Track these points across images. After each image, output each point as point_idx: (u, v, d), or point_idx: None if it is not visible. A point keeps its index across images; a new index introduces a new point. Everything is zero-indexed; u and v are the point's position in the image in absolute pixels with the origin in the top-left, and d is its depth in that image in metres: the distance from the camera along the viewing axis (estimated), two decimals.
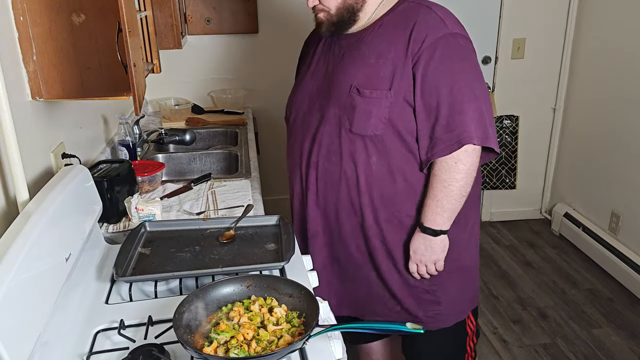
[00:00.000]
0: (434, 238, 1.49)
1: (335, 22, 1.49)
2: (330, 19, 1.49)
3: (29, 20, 1.34)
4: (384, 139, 1.45)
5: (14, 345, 0.87)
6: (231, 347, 0.96)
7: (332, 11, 1.47)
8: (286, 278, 1.21)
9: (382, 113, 1.43)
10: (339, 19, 1.48)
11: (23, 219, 1.06)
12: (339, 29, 1.50)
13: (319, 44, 1.62)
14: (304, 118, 1.59)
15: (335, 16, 1.48)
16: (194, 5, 2.97)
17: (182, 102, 2.97)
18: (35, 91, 1.40)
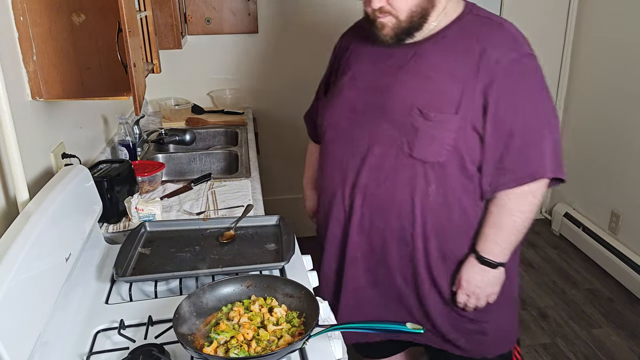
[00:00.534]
0: (492, 270, 1.39)
1: (404, 28, 1.32)
2: (397, 25, 1.31)
3: (29, 20, 1.34)
4: (445, 166, 1.33)
5: (14, 345, 0.87)
6: (231, 347, 0.96)
7: (402, 16, 1.30)
8: (286, 278, 1.21)
9: (447, 139, 1.30)
10: (408, 25, 1.31)
11: (23, 219, 1.06)
12: (404, 36, 1.34)
13: (361, 49, 1.46)
14: (347, 134, 1.42)
15: (404, 22, 1.31)
16: (194, 5, 2.97)
17: (182, 102, 2.97)
18: (35, 91, 1.40)
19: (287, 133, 3.32)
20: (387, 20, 1.32)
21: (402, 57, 1.36)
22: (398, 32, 1.33)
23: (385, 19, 1.32)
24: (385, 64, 1.39)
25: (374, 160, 1.38)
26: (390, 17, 1.31)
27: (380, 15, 1.32)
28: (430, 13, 1.32)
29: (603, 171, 3.13)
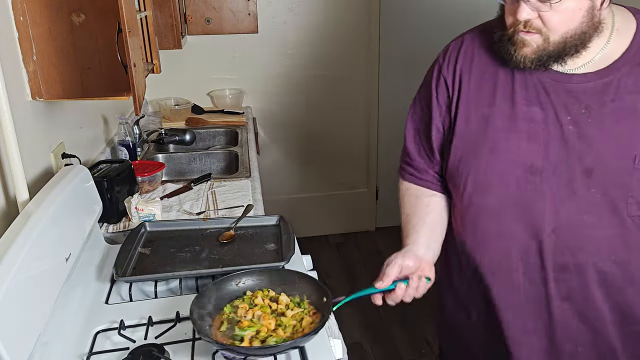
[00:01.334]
0: None
1: (552, 53, 1.01)
2: (544, 48, 1.01)
3: (29, 20, 1.34)
4: None
5: (14, 345, 0.87)
6: (263, 338, 0.98)
7: (553, 37, 1.00)
8: (275, 269, 1.21)
9: None
10: (558, 50, 1.01)
11: (23, 219, 1.06)
12: (551, 61, 1.03)
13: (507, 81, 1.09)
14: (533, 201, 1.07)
15: (553, 45, 1.00)
16: (194, 5, 2.97)
17: (182, 102, 2.97)
18: (35, 91, 1.40)
19: (287, 133, 3.33)
20: (532, 39, 1.01)
21: (586, 94, 1.04)
22: (542, 56, 1.02)
23: (530, 36, 1.01)
24: (558, 103, 1.05)
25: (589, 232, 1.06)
26: (538, 35, 1.00)
27: (523, 30, 1.01)
28: (591, 39, 1.02)
29: None
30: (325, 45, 3.19)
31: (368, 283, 1.13)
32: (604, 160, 1.03)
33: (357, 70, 3.26)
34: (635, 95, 1.02)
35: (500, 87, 1.10)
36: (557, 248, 1.07)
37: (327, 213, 3.50)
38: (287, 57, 3.17)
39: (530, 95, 1.07)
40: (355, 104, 3.33)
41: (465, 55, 1.15)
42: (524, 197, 1.07)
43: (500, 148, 1.08)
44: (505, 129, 1.08)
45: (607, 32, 1.04)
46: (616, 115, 1.02)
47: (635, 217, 1.04)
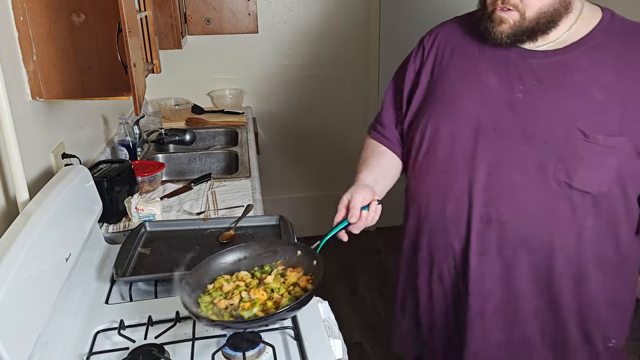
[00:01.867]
0: None
1: (526, 28, 1.12)
2: (520, 23, 1.11)
3: (29, 20, 1.34)
4: (608, 198, 1.14)
5: (14, 345, 0.87)
6: (270, 307, 0.99)
7: (529, 13, 1.10)
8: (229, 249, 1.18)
9: (613, 165, 1.12)
10: (532, 26, 1.12)
11: (23, 219, 1.06)
12: (525, 38, 1.14)
13: (472, 51, 1.23)
14: (472, 157, 1.18)
15: (528, 21, 1.11)
16: (194, 5, 2.97)
17: (182, 102, 2.97)
18: (35, 91, 1.40)
19: (287, 133, 3.33)
20: (509, 16, 1.11)
21: (543, 68, 1.15)
22: (518, 32, 1.12)
23: (507, 14, 1.11)
24: (515, 74, 1.16)
25: (517, 191, 1.16)
26: (515, 12, 1.11)
27: (502, 7, 1.12)
28: (562, 17, 1.13)
29: None
30: (325, 45, 3.19)
31: (368, 283, 1.14)
32: (544, 128, 1.12)
33: (357, 70, 3.26)
34: (585, 73, 1.12)
35: (468, 57, 1.23)
36: (486, 203, 1.17)
37: (327, 213, 3.49)
38: (287, 57, 3.17)
39: (493, 66, 1.19)
40: (355, 104, 3.33)
41: (445, 32, 1.31)
42: (467, 154, 1.18)
43: (454, 108, 1.21)
44: (461, 92, 1.21)
45: (573, 17, 1.15)
46: (564, 90, 1.12)
47: (562, 183, 1.12)
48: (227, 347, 1.02)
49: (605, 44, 1.14)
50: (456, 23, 1.31)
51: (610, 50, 1.13)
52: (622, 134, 1.10)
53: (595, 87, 1.11)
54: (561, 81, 1.13)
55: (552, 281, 1.20)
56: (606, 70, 1.12)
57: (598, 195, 1.14)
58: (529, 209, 1.16)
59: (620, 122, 1.10)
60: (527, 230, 1.17)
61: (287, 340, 1.08)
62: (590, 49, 1.13)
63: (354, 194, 1.22)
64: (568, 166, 1.11)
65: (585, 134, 1.10)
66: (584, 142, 1.10)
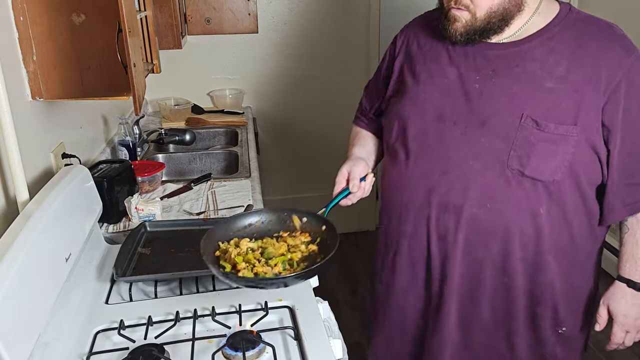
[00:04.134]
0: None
1: (478, 28, 1.16)
2: (471, 24, 1.15)
3: (29, 20, 1.34)
4: (560, 186, 1.17)
5: (14, 345, 0.87)
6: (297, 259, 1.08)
7: (479, 14, 1.14)
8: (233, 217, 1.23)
9: (565, 155, 1.14)
10: (483, 25, 1.15)
11: (23, 219, 1.06)
12: (477, 37, 1.18)
13: (435, 46, 1.28)
14: (434, 147, 1.23)
15: (480, 21, 1.15)
16: (194, 5, 2.97)
17: (182, 102, 2.97)
18: (35, 91, 1.40)
19: (287, 133, 3.33)
20: (461, 14, 1.16)
21: (499, 59, 1.19)
22: (469, 30, 1.16)
23: (459, 13, 1.16)
24: (472, 65, 1.21)
25: (473, 178, 1.19)
26: (467, 12, 1.15)
27: (454, 7, 1.16)
28: (514, 16, 1.16)
29: None
30: (325, 45, 3.19)
31: (368, 283, 1.15)
32: (496, 115, 1.16)
33: (357, 70, 3.26)
34: (538, 63, 1.16)
35: (432, 51, 1.28)
36: (443, 188, 1.22)
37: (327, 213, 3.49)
38: (287, 57, 3.17)
39: (453, 59, 1.24)
40: (355, 104, 3.31)
41: (414, 29, 1.38)
42: (427, 142, 1.24)
43: (419, 98, 1.27)
44: (425, 83, 1.26)
45: (528, 12, 1.18)
46: (516, 79, 1.16)
47: (515, 170, 1.16)
48: (227, 347, 1.02)
49: (560, 36, 1.16)
50: (423, 20, 1.38)
51: (565, 42, 1.16)
52: (574, 124, 1.12)
53: (548, 76, 1.14)
54: (514, 71, 1.17)
55: (508, 264, 1.23)
56: (560, 60, 1.14)
57: (550, 184, 1.16)
58: (485, 194, 1.19)
59: (573, 111, 1.13)
60: (483, 215, 1.20)
61: (287, 340, 1.08)
62: (545, 41, 1.17)
63: (352, 166, 1.29)
64: (521, 154, 1.14)
65: (537, 123, 1.13)
66: (536, 130, 1.13)
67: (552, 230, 1.20)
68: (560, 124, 1.12)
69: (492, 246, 1.23)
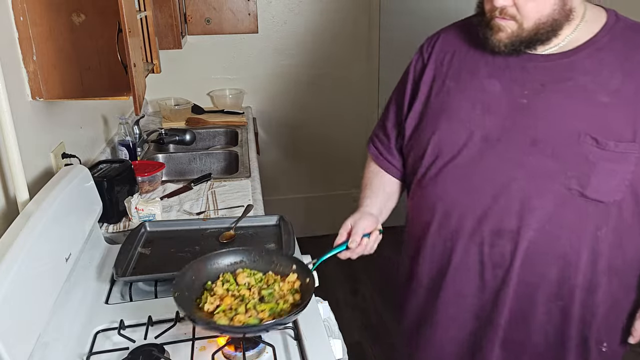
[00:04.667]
0: None
1: (524, 39, 1.08)
2: (518, 33, 1.08)
3: (29, 20, 1.34)
4: (620, 206, 1.10)
5: (14, 345, 0.87)
6: None
7: (527, 25, 1.06)
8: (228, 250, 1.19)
9: (625, 174, 1.07)
10: (530, 36, 1.08)
11: (23, 219, 1.06)
12: (522, 47, 1.10)
13: (472, 57, 1.19)
14: (479, 168, 1.13)
15: (527, 32, 1.07)
16: (194, 5, 2.97)
17: (182, 102, 2.97)
18: (35, 91, 1.40)
19: (287, 133, 3.33)
20: (506, 24, 1.08)
21: (546, 71, 1.11)
22: (515, 41, 1.09)
23: (506, 22, 1.08)
24: (517, 79, 1.12)
25: (528, 201, 1.10)
26: (513, 22, 1.07)
27: (499, 17, 1.08)
28: (562, 26, 1.08)
29: None
30: (325, 45, 3.19)
31: (368, 283, 1.14)
32: (549, 132, 1.08)
33: (357, 70, 3.26)
34: (589, 76, 1.08)
35: (468, 64, 1.19)
36: (496, 213, 1.12)
37: (327, 213, 3.49)
38: (287, 57, 3.17)
39: (493, 71, 1.15)
40: (355, 104, 3.34)
41: (443, 40, 1.26)
42: (472, 164, 1.14)
43: (456, 116, 1.16)
44: (463, 99, 1.16)
45: (576, 22, 1.10)
46: (568, 93, 1.08)
47: (574, 191, 1.08)
48: (227, 347, 1.02)
49: (609, 46, 1.09)
50: (455, 29, 1.27)
51: (615, 52, 1.09)
52: (633, 140, 1.05)
53: (601, 90, 1.07)
54: (565, 85, 1.09)
55: (564, 287, 1.15)
56: (613, 72, 1.08)
57: (610, 204, 1.09)
58: (542, 217, 1.10)
59: (631, 127, 1.05)
60: (540, 240, 1.12)
61: (287, 340, 1.08)
62: (595, 51, 1.09)
63: (357, 220, 1.22)
64: (579, 174, 1.06)
65: (596, 140, 1.05)
66: (596, 148, 1.05)
67: (609, 253, 1.13)
68: (620, 141, 1.05)
69: (549, 270, 1.14)
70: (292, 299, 1.05)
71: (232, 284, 1.07)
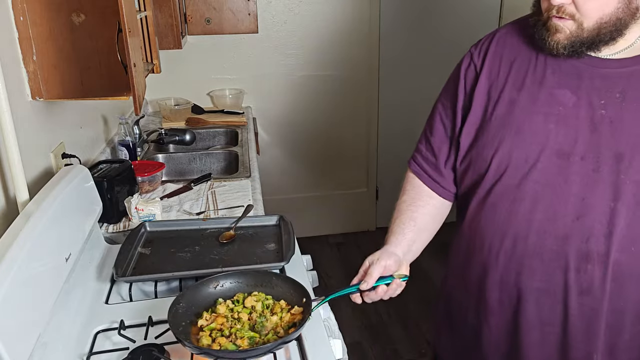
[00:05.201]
0: None
1: (585, 39, 0.99)
2: (578, 33, 0.99)
3: (29, 20, 1.34)
4: None
5: (14, 345, 0.87)
6: None
7: (587, 23, 0.98)
8: (256, 271, 1.18)
9: None
10: (592, 37, 0.99)
11: (23, 219, 1.06)
12: (584, 49, 1.01)
13: (540, 64, 1.08)
14: (558, 186, 1.03)
15: (587, 32, 0.99)
16: (194, 5, 2.97)
17: (182, 102, 2.97)
18: (35, 91, 1.40)
19: (287, 133, 3.33)
20: (564, 25, 1.00)
21: (622, 78, 1.02)
22: (575, 42, 1.00)
23: (564, 22, 1.00)
24: (590, 86, 1.03)
25: (616, 220, 1.01)
26: (572, 21, 0.99)
27: (556, 16, 1.00)
28: (628, 26, 0.99)
29: None
30: (325, 45, 3.19)
31: None
32: (636, 146, 0.99)
33: (357, 70, 3.26)
34: None
35: (530, 72, 1.08)
36: (581, 235, 1.02)
37: (327, 213, 3.50)
38: (287, 57, 3.17)
39: (562, 80, 1.05)
40: (355, 104, 3.33)
41: (497, 43, 1.14)
42: (548, 181, 1.04)
43: (525, 130, 1.06)
44: (532, 112, 1.06)
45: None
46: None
47: None
48: None
49: None
50: (509, 31, 1.15)
51: None
52: None
53: None
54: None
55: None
56: None
57: None
58: (630, 237, 1.01)
59: None
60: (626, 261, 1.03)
61: None
62: None
63: (375, 260, 1.09)
64: None
65: None
66: None
67: None
68: None
69: (634, 293, 1.06)
70: (285, 333, 1.00)
71: (239, 305, 1.06)
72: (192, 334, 1.00)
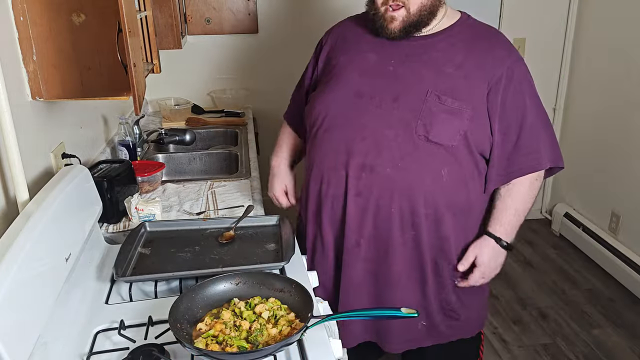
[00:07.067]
0: (504, 252, 1.53)
1: (414, 22, 1.41)
2: (407, 18, 1.40)
3: (29, 20, 1.34)
4: (457, 151, 1.41)
5: (14, 345, 0.87)
6: None
7: (413, 8, 1.39)
8: (276, 274, 1.21)
9: (461, 125, 1.39)
10: (417, 19, 1.41)
11: (23, 219, 1.06)
12: (413, 30, 1.42)
13: (358, 39, 1.54)
14: (353, 118, 1.45)
15: (413, 15, 1.40)
16: (194, 5, 2.97)
17: (182, 102, 2.97)
18: (35, 91, 1.40)
19: None
20: (398, 14, 1.40)
21: (410, 48, 1.45)
22: (407, 25, 1.41)
23: (397, 12, 1.40)
24: (389, 52, 1.46)
25: (386, 142, 1.41)
26: (402, 9, 1.39)
27: (391, 7, 1.39)
28: (438, 10, 1.44)
29: (603, 171, 3.13)
30: None
31: None
32: (406, 91, 1.42)
33: None
34: (440, 53, 1.44)
35: (354, 43, 1.55)
36: (360, 151, 1.42)
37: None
38: (287, 57, 3.17)
39: (372, 47, 1.49)
40: None
41: (340, 27, 1.65)
42: (348, 114, 1.46)
43: (340, 80, 1.51)
44: (347, 68, 1.51)
45: (441, 14, 1.47)
46: (423, 63, 1.44)
47: (422, 136, 1.39)
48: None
49: (459, 34, 1.46)
50: (349, 20, 1.66)
51: (463, 39, 1.45)
52: (466, 101, 1.39)
53: (448, 64, 1.42)
54: (422, 58, 1.44)
55: (415, 220, 1.45)
56: (457, 52, 1.43)
57: (449, 148, 1.40)
58: (396, 156, 1.40)
59: (466, 92, 1.40)
60: (394, 176, 1.41)
61: None
62: (448, 37, 1.45)
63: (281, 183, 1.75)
64: (425, 122, 1.39)
65: (438, 97, 1.39)
66: (438, 103, 1.39)
67: (451, 189, 1.43)
68: (456, 100, 1.39)
69: (403, 202, 1.43)
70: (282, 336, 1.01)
71: (249, 310, 1.06)
72: (193, 336, 1.01)
